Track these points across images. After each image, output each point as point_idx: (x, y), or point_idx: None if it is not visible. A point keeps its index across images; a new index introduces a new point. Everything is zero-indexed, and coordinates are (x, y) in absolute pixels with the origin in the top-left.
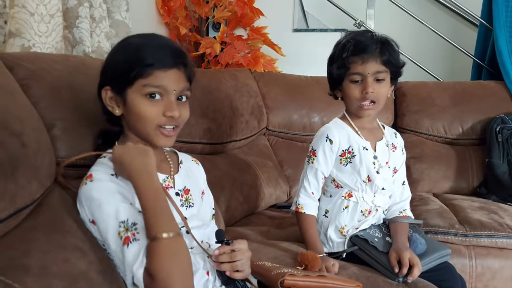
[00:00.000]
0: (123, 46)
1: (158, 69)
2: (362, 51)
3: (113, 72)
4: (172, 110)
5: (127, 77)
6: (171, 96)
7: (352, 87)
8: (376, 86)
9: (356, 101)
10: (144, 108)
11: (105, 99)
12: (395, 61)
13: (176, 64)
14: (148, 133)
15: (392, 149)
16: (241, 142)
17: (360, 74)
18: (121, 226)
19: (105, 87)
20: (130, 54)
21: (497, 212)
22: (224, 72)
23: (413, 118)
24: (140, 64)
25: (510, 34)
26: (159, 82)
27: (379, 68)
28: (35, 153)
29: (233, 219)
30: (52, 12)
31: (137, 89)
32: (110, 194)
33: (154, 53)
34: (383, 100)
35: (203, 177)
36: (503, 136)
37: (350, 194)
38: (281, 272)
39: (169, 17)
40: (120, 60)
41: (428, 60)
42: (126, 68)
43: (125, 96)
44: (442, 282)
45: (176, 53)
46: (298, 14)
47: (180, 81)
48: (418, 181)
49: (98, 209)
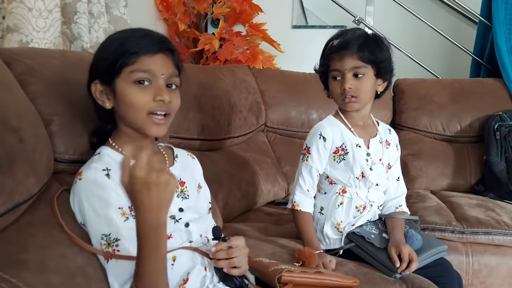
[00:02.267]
0: (108, 42)
1: (144, 55)
2: (341, 48)
3: (100, 66)
4: (162, 94)
5: (114, 67)
6: (159, 81)
7: (333, 84)
8: (355, 81)
9: (338, 97)
10: (133, 95)
11: (95, 94)
12: (375, 56)
13: (161, 49)
14: (139, 121)
15: (386, 145)
16: (239, 138)
17: (338, 71)
18: (103, 238)
19: (94, 81)
20: (115, 46)
21: (494, 209)
22: (223, 69)
23: (412, 115)
24: (125, 53)
25: (509, 31)
26: (146, 67)
27: (356, 64)
28: (32, 148)
29: (231, 215)
30: (50, 8)
31: (125, 77)
32: (96, 199)
33: (138, 41)
34: (365, 95)
35: (199, 170)
36: (501, 133)
37: (344, 190)
38: (279, 268)
39: (167, 13)
40: (106, 53)
41: (427, 57)
42: (113, 59)
43: (114, 87)
44: (438, 278)
45: (161, 40)
46: (297, 11)
47: (168, 66)
48: (416, 178)
49: (85, 214)
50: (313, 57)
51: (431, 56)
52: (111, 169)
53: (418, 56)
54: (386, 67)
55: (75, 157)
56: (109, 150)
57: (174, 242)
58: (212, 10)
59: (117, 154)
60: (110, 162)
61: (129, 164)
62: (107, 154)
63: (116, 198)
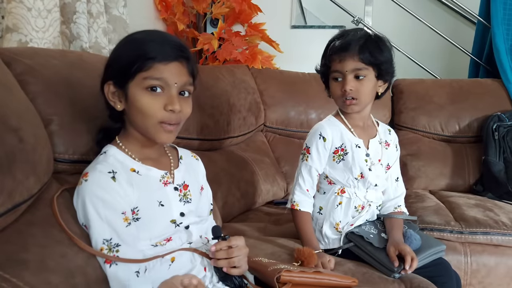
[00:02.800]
0: (126, 42)
1: (159, 62)
2: (342, 50)
3: (115, 67)
4: (173, 104)
5: (128, 71)
6: (172, 90)
7: (334, 85)
8: (356, 83)
9: (339, 98)
10: (145, 102)
11: (108, 94)
12: (376, 58)
13: (177, 57)
14: (148, 128)
15: (385, 146)
16: (239, 138)
17: (339, 72)
18: (104, 243)
19: (107, 82)
20: (132, 49)
21: (492, 209)
22: (222, 68)
23: (410, 115)
24: (141, 58)
25: (508, 32)
26: (159, 75)
27: (357, 66)
28: (32, 148)
29: (230, 215)
30: (49, 7)
31: (138, 82)
32: (100, 203)
33: (155, 47)
34: (365, 97)
35: (202, 172)
36: (499, 134)
37: (343, 190)
38: (278, 268)
39: (166, 13)
40: (122, 55)
41: (426, 57)
42: (128, 62)
43: (127, 90)
44: (437, 278)
45: (178, 47)
46: (296, 11)
47: (182, 74)
48: (415, 178)
49: (88, 217)
50: (312, 57)
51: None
52: (117, 171)
53: (417, 56)
54: (387, 69)
55: (75, 157)
56: (115, 150)
57: (174, 244)
58: (211, 10)
59: (123, 155)
60: (116, 164)
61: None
62: (112, 154)
63: (120, 202)
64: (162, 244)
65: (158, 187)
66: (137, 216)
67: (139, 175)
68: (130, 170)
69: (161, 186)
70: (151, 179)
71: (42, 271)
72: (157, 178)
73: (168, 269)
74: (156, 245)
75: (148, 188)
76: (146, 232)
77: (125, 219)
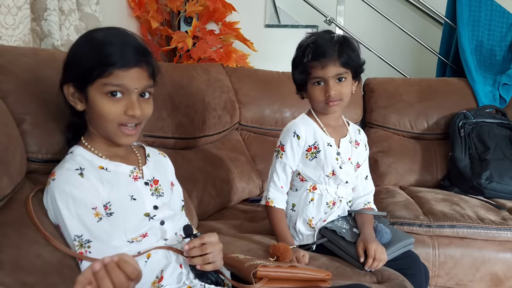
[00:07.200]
0: (85, 41)
1: (118, 69)
2: (321, 56)
3: (74, 70)
4: (134, 109)
5: (88, 76)
6: (132, 95)
7: (315, 90)
8: (338, 86)
9: (320, 102)
10: (105, 107)
11: (67, 95)
12: (354, 61)
13: (137, 62)
14: (109, 131)
15: (355, 145)
16: (214, 137)
17: (321, 78)
18: (75, 239)
19: (67, 83)
20: (92, 51)
21: (459, 203)
22: (197, 67)
23: (381, 113)
24: (101, 64)
25: (473, 32)
26: (119, 81)
27: (339, 71)
28: (5, 148)
29: (206, 213)
30: (19, 4)
31: (98, 87)
32: (70, 199)
33: (115, 51)
34: (347, 97)
35: (171, 169)
36: (465, 131)
37: (315, 187)
38: (254, 263)
39: (140, 11)
40: (82, 56)
41: (396, 56)
42: (88, 67)
43: (87, 93)
44: (406, 270)
45: (139, 51)
46: (270, 10)
47: (142, 79)
48: (386, 174)
49: (59, 214)
50: (286, 56)
51: (399, 55)
52: (84, 168)
53: (387, 56)
54: (361, 69)
55: (48, 156)
56: (81, 150)
57: (150, 240)
58: (185, 8)
59: (90, 154)
60: (83, 162)
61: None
62: (79, 154)
63: (90, 198)
64: (138, 240)
65: (128, 182)
66: (110, 211)
67: (108, 171)
68: (99, 168)
69: (131, 180)
70: (121, 174)
71: (17, 271)
72: (126, 174)
73: (144, 266)
74: (132, 241)
75: (118, 183)
76: (121, 227)
77: (96, 214)
